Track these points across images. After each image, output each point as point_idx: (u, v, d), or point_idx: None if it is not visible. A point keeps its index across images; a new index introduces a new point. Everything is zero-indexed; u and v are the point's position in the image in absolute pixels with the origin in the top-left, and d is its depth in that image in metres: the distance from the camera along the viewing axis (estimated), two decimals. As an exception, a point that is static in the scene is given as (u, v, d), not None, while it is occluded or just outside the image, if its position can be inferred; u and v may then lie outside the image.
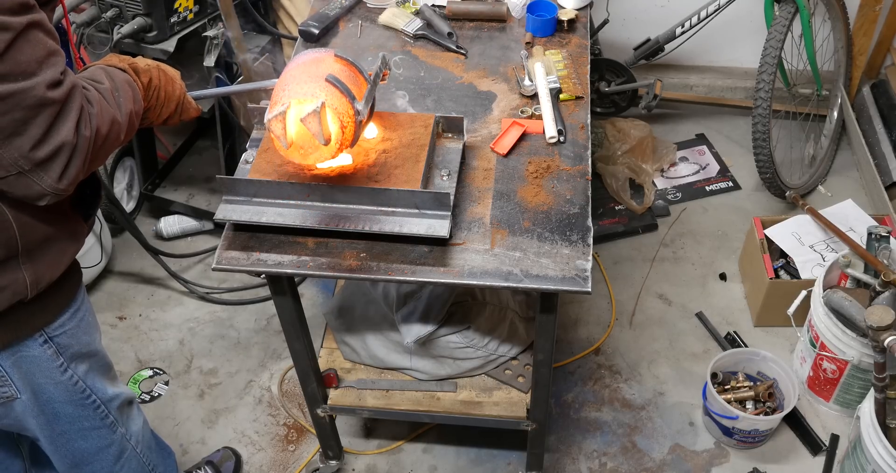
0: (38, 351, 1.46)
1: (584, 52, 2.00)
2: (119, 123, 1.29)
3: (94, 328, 1.60)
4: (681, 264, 2.83)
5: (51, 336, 1.47)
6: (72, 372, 1.54)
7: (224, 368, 2.58)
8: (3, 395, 1.48)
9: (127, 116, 1.33)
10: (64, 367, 1.52)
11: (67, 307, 1.48)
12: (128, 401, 1.74)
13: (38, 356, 1.47)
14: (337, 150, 1.45)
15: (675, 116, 3.37)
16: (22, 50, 1.12)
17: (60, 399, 1.56)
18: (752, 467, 2.28)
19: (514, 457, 2.31)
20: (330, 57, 1.47)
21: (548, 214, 1.60)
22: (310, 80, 1.42)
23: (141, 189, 3.00)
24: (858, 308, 2.09)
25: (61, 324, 1.48)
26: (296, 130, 1.43)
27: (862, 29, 3.04)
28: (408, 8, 2.12)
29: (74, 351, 1.53)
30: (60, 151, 1.19)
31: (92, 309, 1.60)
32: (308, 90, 1.40)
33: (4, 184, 1.20)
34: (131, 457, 1.79)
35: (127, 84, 1.37)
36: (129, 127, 1.34)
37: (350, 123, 1.43)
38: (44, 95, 1.14)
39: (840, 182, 3.08)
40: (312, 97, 1.40)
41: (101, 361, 1.63)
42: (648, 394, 2.46)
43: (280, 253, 1.54)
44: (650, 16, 3.13)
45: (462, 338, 2.01)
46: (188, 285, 2.76)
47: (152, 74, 1.45)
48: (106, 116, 1.26)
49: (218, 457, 2.29)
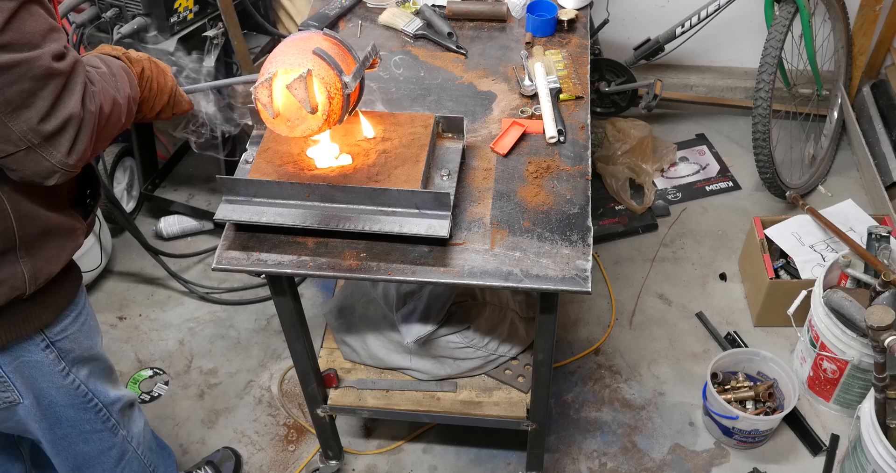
0: (40, 356, 1.46)
1: (584, 53, 2.00)
2: (120, 105, 1.29)
3: (96, 333, 1.60)
4: (681, 264, 2.83)
5: (52, 341, 1.46)
6: (74, 377, 1.54)
7: (224, 368, 2.58)
8: (6, 400, 1.48)
9: (125, 99, 1.32)
10: (66, 371, 1.52)
11: (68, 309, 1.48)
12: (129, 404, 1.74)
13: (41, 361, 1.47)
14: (324, 122, 1.43)
15: (675, 116, 3.37)
16: (25, 21, 1.11)
17: (62, 404, 1.56)
18: (752, 467, 2.28)
19: (514, 457, 2.31)
20: (318, 36, 1.47)
21: (548, 214, 1.60)
22: (298, 52, 1.42)
23: (141, 189, 3.00)
24: (858, 308, 2.09)
25: (63, 328, 1.47)
26: (283, 101, 1.42)
27: (862, 29, 3.04)
28: (408, 8, 2.12)
29: (76, 356, 1.53)
30: (69, 124, 1.18)
31: (93, 313, 1.60)
32: (295, 60, 1.40)
33: (14, 162, 1.18)
34: (133, 459, 1.79)
35: (122, 70, 1.36)
36: (128, 112, 1.34)
37: (337, 95, 1.42)
38: (50, 66, 1.14)
39: (840, 182, 3.08)
40: (299, 67, 1.39)
41: (102, 364, 1.63)
42: (648, 394, 2.46)
43: (280, 253, 1.54)
44: (650, 16, 3.13)
45: (462, 338, 2.01)
46: (188, 286, 2.76)
47: (144, 65, 1.44)
48: (108, 96, 1.26)
49: (218, 457, 2.29)
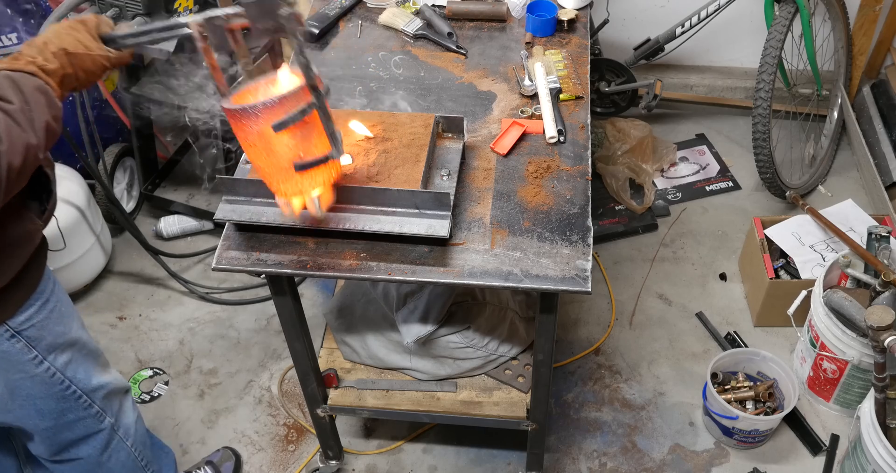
0: (7, 346, 1.43)
1: (584, 53, 2.00)
2: (34, 146, 1.22)
3: (70, 317, 1.55)
4: (681, 264, 2.83)
5: (17, 330, 1.43)
6: (48, 364, 1.50)
7: (224, 368, 2.58)
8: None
9: (43, 130, 1.24)
10: (39, 360, 1.48)
11: (31, 299, 1.44)
12: (117, 391, 1.70)
13: (8, 351, 1.43)
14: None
15: (675, 116, 3.37)
16: None
17: (40, 395, 1.53)
18: (752, 467, 2.28)
19: (514, 457, 2.31)
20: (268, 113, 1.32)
21: (548, 214, 1.60)
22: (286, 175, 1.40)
23: (141, 189, 3.00)
24: (858, 308, 2.09)
25: (28, 318, 1.44)
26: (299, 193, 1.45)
27: (862, 29, 3.04)
28: (408, 8, 2.12)
29: (49, 343, 1.49)
30: None
31: (65, 298, 1.55)
32: (293, 189, 1.43)
33: None
34: (119, 448, 1.76)
35: (39, 92, 1.26)
36: (48, 138, 1.26)
37: (333, 167, 1.44)
38: None
39: (840, 182, 3.08)
40: (303, 191, 1.43)
41: (83, 349, 1.58)
42: (648, 394, 2.46)
43: (280, 253, 1.54)
44: (650, 16, 3.13)
45: (462, 338, 2.01)
46: (188, 285, 2.76)
47: (62, 63, 1.32)
48: (18, 146, 1.19)
49: (217, 457, 2.29)
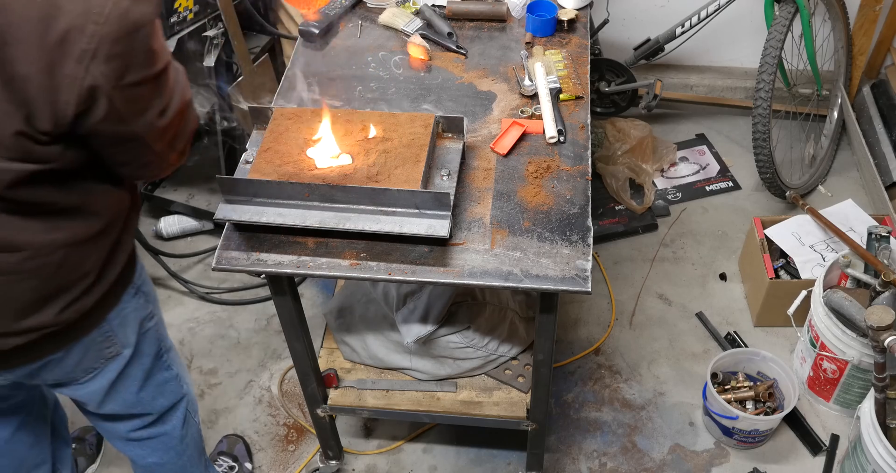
0: (134, 303, 1.51)
1: (584, 52, 2.00)
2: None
3: None
4: (681, 264, 2.82)
5: (138, 287, 1.52)
6: (157, 319, 1.61)
7: (224, 368, 2.58)
8: (109, 355, 1.51)
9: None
10: (151, 315, 1.58)
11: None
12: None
13: (136, 308, 1.52)
14: None
15: (675, 116, 3.37)
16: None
17: (148, 352, 1.60)
18: (752, 467, 2.28)
19: (514, 457, 2.31)
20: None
21: (548, 214, 1.60)
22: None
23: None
24: (858, 308, 2.09)
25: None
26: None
27: (862, 29, 3.04)
28: (408, 8, 2.12)
29: (153, 296, 1.59)
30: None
31: None
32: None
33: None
34: (191, 423, 1.82)
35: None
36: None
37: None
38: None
39: (840, 182, 3.08)
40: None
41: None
42: (648, 394, 2.46)
43: (280, 253, 1.54)
44: (650, 16, 3.13)
45: (462, 338, 2.01)
46: (188, 285, 2.76)
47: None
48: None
49: (225, 446, 2.31)
